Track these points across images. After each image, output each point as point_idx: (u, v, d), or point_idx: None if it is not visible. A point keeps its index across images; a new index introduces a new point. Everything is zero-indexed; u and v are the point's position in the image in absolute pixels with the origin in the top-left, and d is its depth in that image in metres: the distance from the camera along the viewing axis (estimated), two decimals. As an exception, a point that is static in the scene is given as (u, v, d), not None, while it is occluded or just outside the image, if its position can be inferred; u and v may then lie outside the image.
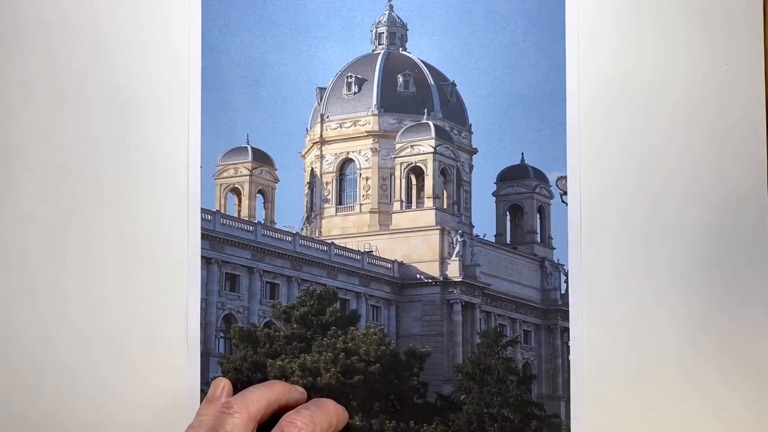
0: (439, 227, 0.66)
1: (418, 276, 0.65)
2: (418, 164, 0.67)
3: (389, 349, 0.62)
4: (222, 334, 0.63)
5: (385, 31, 0.66)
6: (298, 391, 0.58)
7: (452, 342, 0.64)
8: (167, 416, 0.60)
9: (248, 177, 0.65)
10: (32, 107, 0.63)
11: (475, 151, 0.65)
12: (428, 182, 0.67)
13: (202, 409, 0.59)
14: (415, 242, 0.66)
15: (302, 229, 0.65)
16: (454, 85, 0.64)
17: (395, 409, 0.62)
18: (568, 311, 0.62)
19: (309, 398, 0.59)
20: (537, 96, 0.63)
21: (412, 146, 0.67)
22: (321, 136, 0.66)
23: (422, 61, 0.65)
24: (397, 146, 0.67)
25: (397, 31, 0.66)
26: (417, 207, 0.67)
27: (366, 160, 0.67)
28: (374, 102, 0.67)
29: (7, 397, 0.62)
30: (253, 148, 0.64)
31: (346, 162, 0.68)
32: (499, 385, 0.63)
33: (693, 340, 0.62)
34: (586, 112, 0.63)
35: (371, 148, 0.67)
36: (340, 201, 0.67)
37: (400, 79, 0.66)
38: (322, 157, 0.66)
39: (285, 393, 0.57)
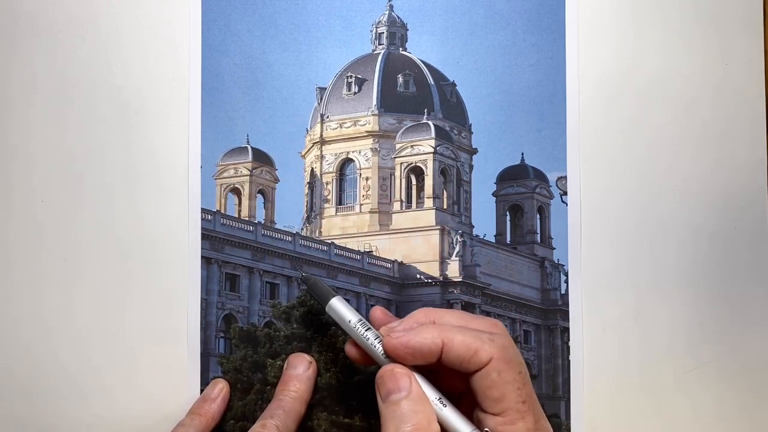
0: (439, 227, 0.66)
1: (418, 276, 0.65)
2: (418, 164, 0.67)
3: (389, 349, 0.62)
4: (222, 334, 0.63)
5: (385, 31, 0.66)
6: (306, 377, 0.59)
7: (452, 342, 0.64)
8: (167, 416, 0.60)
9: (248, 177, 0.65)
10: (33, 107, 0.63)
11: (475, 151, 0.65)
12: (428, 182, 0.67)
13: (196, 407, 0.59)
14: (415, 242, 0.66)
15: (302, 229, 0.65)
16: (454, 85, 0.64)
17: (395, 409, 0.61)
18: (568, 311, 0.62)
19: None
20: (537, 96, 0.63)
21: (412, 146, 0.67)
22: (321, 136, 0.66)
23: (422, 61, 0.65)
24: (397, 146, 0.67)
25: (397, 31, 0.66)
26: (417, 207, 0.67)
27: (366, 160, 0.67)
28: (374, 102, 0.67)
29: (7, 397, 0.62)
30: (253, 148, 0.64)
31: (346, 162, 0.68)
32: (499, 385, 0.63)
33: (693, 339, 0.62)
34: (586, 112, 0.63)
35: (371, 148, 0.67)
36: (340, 201, 0.67)
37: (400, 79, 0.66)
38: (322, 157, 0.66)
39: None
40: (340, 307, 0.55)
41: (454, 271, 0.65)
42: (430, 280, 0.65)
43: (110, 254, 0.62)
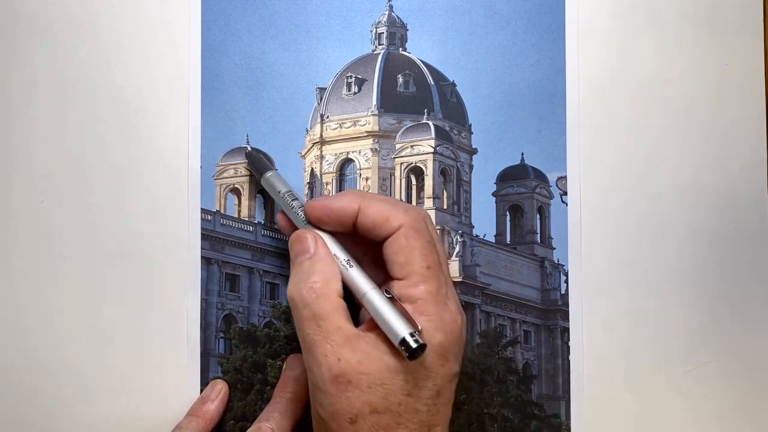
0: (439, 227, 0.66)
1: (418, 276, 0.65)
2: (418, 164, 0.67)
3: (389, 349, 0.62)
4: (222, 334, 0.63)
5: (385, 31, 0.66)
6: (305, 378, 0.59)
7: (452, 342, 0.64)
8: (167, 416, 0.60)
9: (248, 177, 0.65)
10: (32, 107, 0.63)
11: (475, 151, 0.65)
12: (428, 182, 0.67)
13: (194, 409, 0.59)
14: (415, 242, 0.66)
15: (302, 229, 0.65)
16: (454, 85, 0.64)
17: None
18: (568, 311, 0.62)
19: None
20: (537, 96, 0.63)
21: (412, 146, 0.67)
22: (321, 136, 0.66)
23: (422, 61, 0.65)
24: (397, 146, 0.67)
25: (397, 31, 0.66)
26: (417, 207, 0.67)
27: (366, 161, 0.67)
28: (374, 102, 0.67)
29: (6, 397, 0.62)
30: (253, 148, 0.64)
31: (346, 162, 0.68)
32: (499, 385, 0.63)
33: (693, 340, 0.62)
34: (586, 112, 0.63)
35: (371, 149, 0.67)
36: (340, 201, 0.67)
37: (400, 79, 0.66)
38: (322, 157, 0.66)
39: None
40: (274, 180, 0.58)
41: (454, 271, 0.65)
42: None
43: (110, 254, 0.62)
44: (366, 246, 0.54)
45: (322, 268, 0.51)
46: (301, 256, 0.52)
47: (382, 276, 0.53)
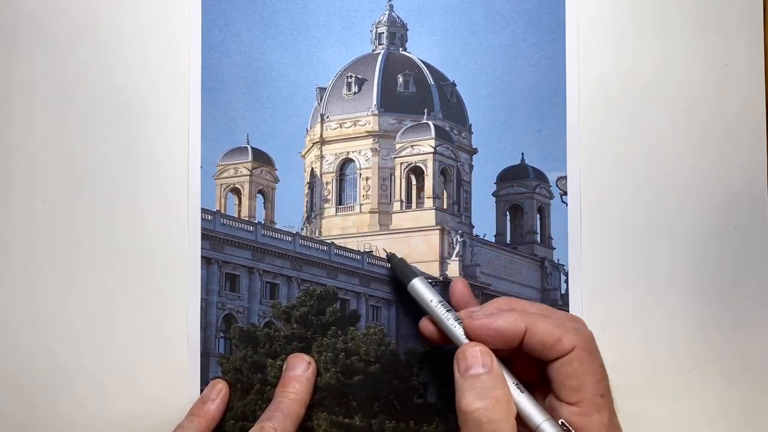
0: (439, 227, 0.66)
1: (418, 276, 0.65)
2: (418, 164, 0.67)
3: (389, 349, 0.62)
4: (222, 334, 0.63)
5: (385, 31, 0.66)
6: (306, 378, 0.60)
7: (452, 342, 0.64)
8: (167, 416, 0.60)
9: (248, 177, 0.65)
10: (32, 107, 0.63)
11: (475, 151, 0.65)
12: (428, 182, 0.67)
13: (195, 409, 0.59)
14: (415, 242, 0.66)
15: (302, 229, 0.65)
16: (454, 85, 0.64)
17: (395, 409, 0.61)
18: (568, 311, 0.62)
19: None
20: (537, 96, 0.63)
21: (412, 146, 0.67)
22: (321, 136, 0.66)
23: (422, 61, 0.65)
24: (397, 146, 0.67)
25: (397, 31, 0.66)
26: (417, 207, 0.67)
27: (366, 160, 0.67)
28: (374, 102, 0.67)
29: (6, 397, 0.62)
30: (253, 148, 0.64)
31: (346, 162, 0.68)
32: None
33: (693, 339, 0.62)
34: (586, 112, 0.63)
35: (371, 148, 0.67)
36: (340, 201, 0.67)
37: (400, 79, 0.66)
38: (322, 157, 0.66)
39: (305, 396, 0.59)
40: (421, 287, 0.57)
41: (454, 271, 0.65)
42: (430, 280, 0.65)
43: (110, 254, 0.62)
44: (520, 361, 0.52)
45: (503, 386, 0.50)
46: (475, 369, 0.50)
47: (527, 381, 0.52)
